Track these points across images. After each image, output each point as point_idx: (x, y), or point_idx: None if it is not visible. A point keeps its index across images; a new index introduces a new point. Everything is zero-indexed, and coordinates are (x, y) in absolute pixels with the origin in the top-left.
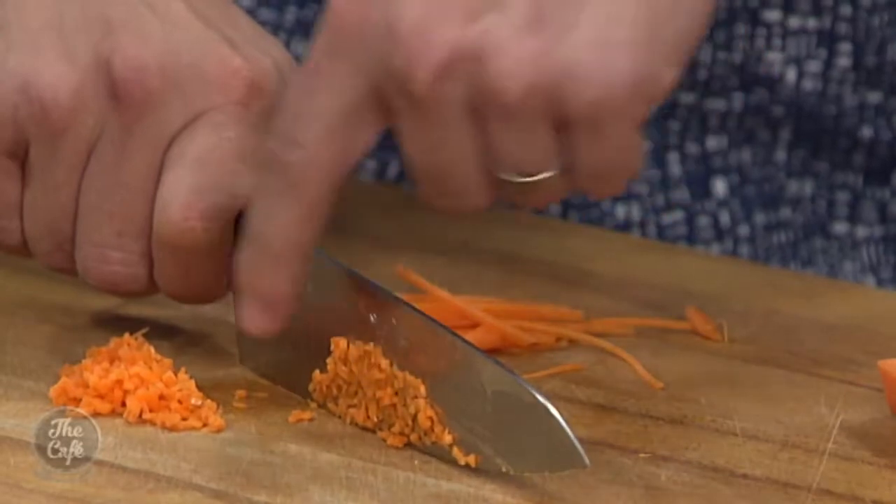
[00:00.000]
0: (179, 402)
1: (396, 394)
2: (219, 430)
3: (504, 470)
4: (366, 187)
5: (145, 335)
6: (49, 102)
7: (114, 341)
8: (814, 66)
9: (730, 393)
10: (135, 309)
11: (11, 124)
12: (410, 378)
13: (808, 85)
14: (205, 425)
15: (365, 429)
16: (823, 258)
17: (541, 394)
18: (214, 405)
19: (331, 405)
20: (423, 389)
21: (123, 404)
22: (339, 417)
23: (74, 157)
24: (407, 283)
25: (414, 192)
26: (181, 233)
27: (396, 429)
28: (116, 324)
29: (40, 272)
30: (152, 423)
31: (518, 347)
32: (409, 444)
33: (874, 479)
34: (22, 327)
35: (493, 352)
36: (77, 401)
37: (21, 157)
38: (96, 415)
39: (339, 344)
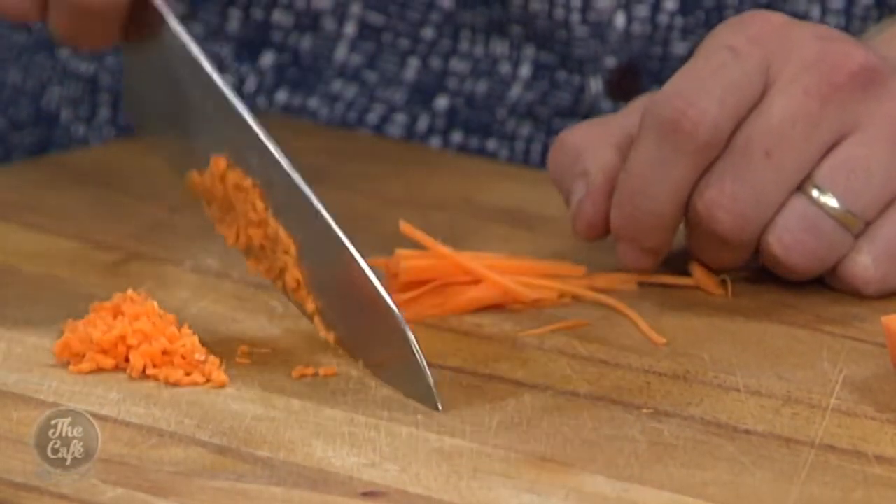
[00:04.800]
0: (183, 357)
1: (267, 238)
2: (222, 386)
3: (360, 363)
4: (368, 143)
5: (149, 290)
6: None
7: (117, 296)
8: None
9: (732, 349)
10: (138, 265)
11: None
12: (283, 233)
13: None
14: (208, 381)
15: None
16: None
17: (407, 326)
18: (217, 361)
19: (205, 206)
20: (293, 250)
21: (127, 360)
22: (209, 221)
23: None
24: (409, 238)
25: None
26: None
27: (263, 267)
28: (120, 279)
29: (44, 227)
30: (155, 379)
31: (521, 303)
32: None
33: (877, 435)
34: (25, 282)
35: (495, 308)
36: (80, 356)
37: None
38: (100, 370)
39: (219, 163)
